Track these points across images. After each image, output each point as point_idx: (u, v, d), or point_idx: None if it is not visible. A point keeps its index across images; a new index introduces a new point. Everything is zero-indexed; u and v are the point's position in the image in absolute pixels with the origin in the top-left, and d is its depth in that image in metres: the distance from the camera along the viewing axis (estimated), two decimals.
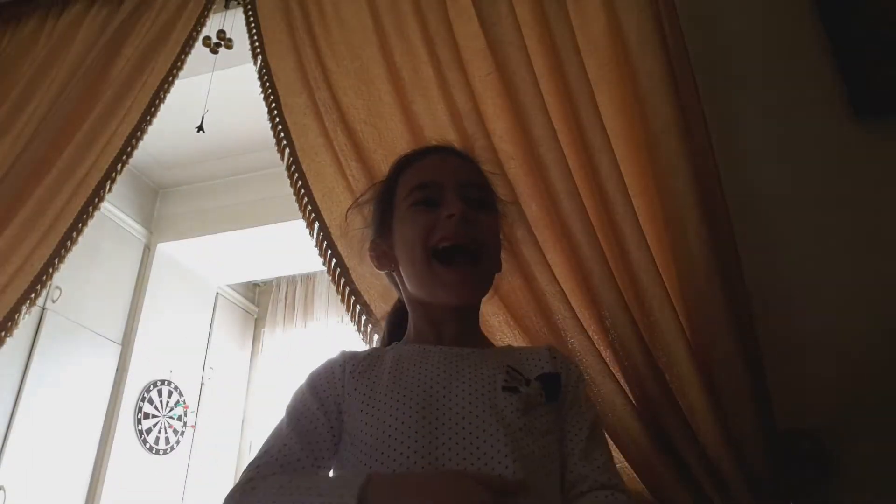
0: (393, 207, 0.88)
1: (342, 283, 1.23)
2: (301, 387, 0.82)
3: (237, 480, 0.73)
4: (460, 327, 0.83)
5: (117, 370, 2.82)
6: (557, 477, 0.73)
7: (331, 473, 0.76)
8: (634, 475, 0.95)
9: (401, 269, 0.86)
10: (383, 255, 0.89)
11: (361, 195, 1.01)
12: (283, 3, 1.56)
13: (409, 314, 0.88)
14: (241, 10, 1.66)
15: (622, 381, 0.99)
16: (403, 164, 0.91)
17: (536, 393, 0.74)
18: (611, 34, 1.23)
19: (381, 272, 0.92)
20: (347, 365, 0.81)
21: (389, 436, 0.70)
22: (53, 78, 1.72)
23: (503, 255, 0.90)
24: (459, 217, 0.79)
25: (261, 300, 3.81)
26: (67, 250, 1.55)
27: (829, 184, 1.13)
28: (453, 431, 0.69)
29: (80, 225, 1.55)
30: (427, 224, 0.81)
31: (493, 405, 0.72)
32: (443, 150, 0.93)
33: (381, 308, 1.19)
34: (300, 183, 1.34)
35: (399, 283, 0.89)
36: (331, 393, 0.79)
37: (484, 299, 0.89)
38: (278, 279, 3.69)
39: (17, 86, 1.75)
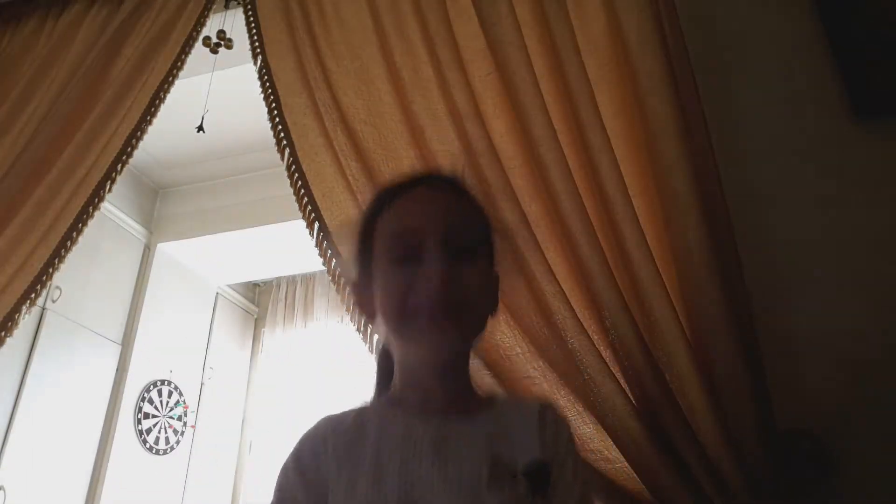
0: (372, 252, 0.81)
1: (342, 283, 1.23)
2: (288, 465, 0.77)
3: None
4: (447, 391, 0.77)
5: (117, 370, 2.82)
6: None
7: None
8: (634, 475, 0.95)
9: (380, 321, 0.80)
10: (364, 302, 0.82)
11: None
12: (283, 3, 1.56)
13: (395, 365, 0.82)
14: (241, 10, 1.66)
15: (622, 380, 0.99)
16: (384, 201, 0.82)
17: (523, 492, 0.69)
18: (611, 34, 1.23)
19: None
20: (330, 440, 0.76)
21: None
22: (53, 78, 1.72)
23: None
24: (438, 283, 0.72)
25: (261, 300, 3.81)
26: (67, 250, 1.55)
27: (828, 184, 1.13)
28: None
29: (80, 225, 1.55)
30: (404, 287, 0.74)
31: None
32: (428, 184, 0.83)
33: None
34: (300, 183, 1.34)
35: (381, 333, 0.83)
36: (317, 476, 0.74)
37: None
38: (278, 279, 3.70)
39: (18, 86, 1.75)
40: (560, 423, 0.78)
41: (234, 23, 1.79)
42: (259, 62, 1.53)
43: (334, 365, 3.30)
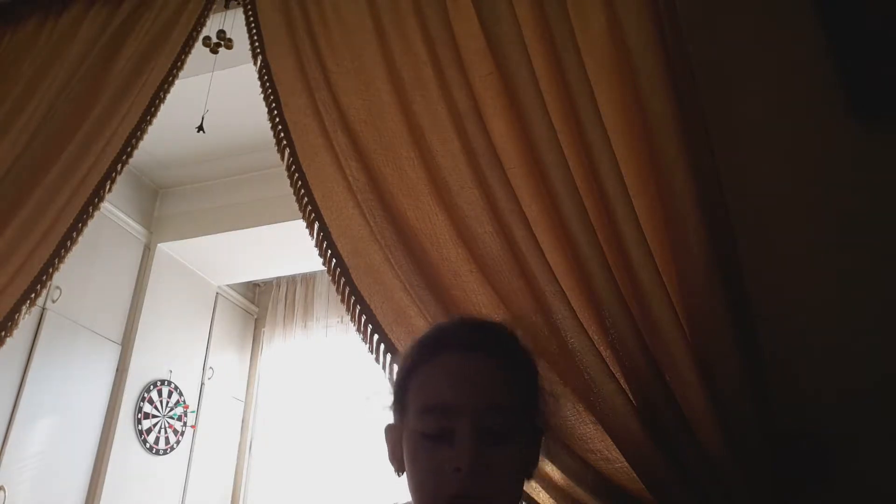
0: (405, 407, 0.81)
1: (342, 283, 1.23)
2: None
3: None
4: None
5: (117, 370, 2.82)
6: None
7: None
8: (634, 475, 0.95)
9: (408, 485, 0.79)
10: (396, 454, 0.82)
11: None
12: (282, 3, 1.56)
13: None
14: (241, 10, 1.66)
15: (622, 381, 0.99)
16: (422, 357, 0.81)
17: None
18: (611, 34, 1.23)
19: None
20: None
21: None
22: (53, 78, 1.72)
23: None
24: (466, 472, 0.71)
25: (261, 300, 3.81)
26: (67, 250, 1.55)
27: (829, 183, 1.13)
28: None
29: (80, 225, 1.55)
30: (434, 470, 0.74)
31: None
32: (463, 349, 0.79)
33: (381, 309, 1.19)
34: (300, 183, 1.34)
35: None
36: None
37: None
38: (278, 279, 3.70)
39: (17, 86, 1.75)
40: None
41: (234, 23, 1.79)
42: (259, 62, 1.53)
43: (334, 365, 3.31)
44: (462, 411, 0.74)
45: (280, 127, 1.41)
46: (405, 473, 0.78)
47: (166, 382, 3.02)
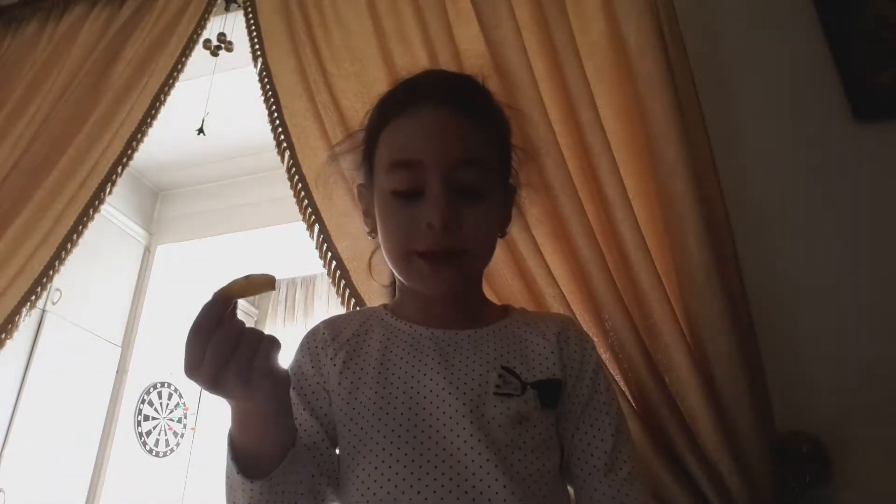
0: (373, 165, 0.76)
1: (342, 284, 1.24)
2: (298, 358, 0.79)
3: None
4: (452, 307, 0.75)
5: (117, 372, 2.82)
6: (557, 492, 0.68)
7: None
8: None
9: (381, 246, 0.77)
10: (368, 214, 0.79)
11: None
12: (283, 5, 1.56)
13: (397, 281, 0.80)
14: (241, 12, 1.66)
15: (622, 383, 0.99)
16: (388, 116, 0.75)
17: (531, 404, 0.68)
18: (610, 37, 1.23)
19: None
20: (330, 350, 0.75)
21: (374, 453, 0.66)
22: (54, 80, 1.73)
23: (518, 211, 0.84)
24: (439, 227, 0.68)
25: (261, 302, 3.81)
26: (68, 252, 1.55)
27: (828, 185, 1.13)
28: (439, 446, 0.65)
29: (81, 227, 1.56)
30: (405, 226, 0.71)
31: (480, 416, 0.66)
32: (438, 101, 0.73)
33: None
34: (300, 185, 1.34)
35: None
36: (318, 396, 0.73)
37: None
38: (278, 281, 3.70)
39: (19, 88, 1.75)
40: (584, 341, 0.76)
41: (234, 25, 1.79)
42: (259, 65, 1.53)
43: None
44: (433, 166, 0.69)
45: (280, 129, 1.42)
46: (378, 235, 0.75)
47: (166, 384, 3.02)
